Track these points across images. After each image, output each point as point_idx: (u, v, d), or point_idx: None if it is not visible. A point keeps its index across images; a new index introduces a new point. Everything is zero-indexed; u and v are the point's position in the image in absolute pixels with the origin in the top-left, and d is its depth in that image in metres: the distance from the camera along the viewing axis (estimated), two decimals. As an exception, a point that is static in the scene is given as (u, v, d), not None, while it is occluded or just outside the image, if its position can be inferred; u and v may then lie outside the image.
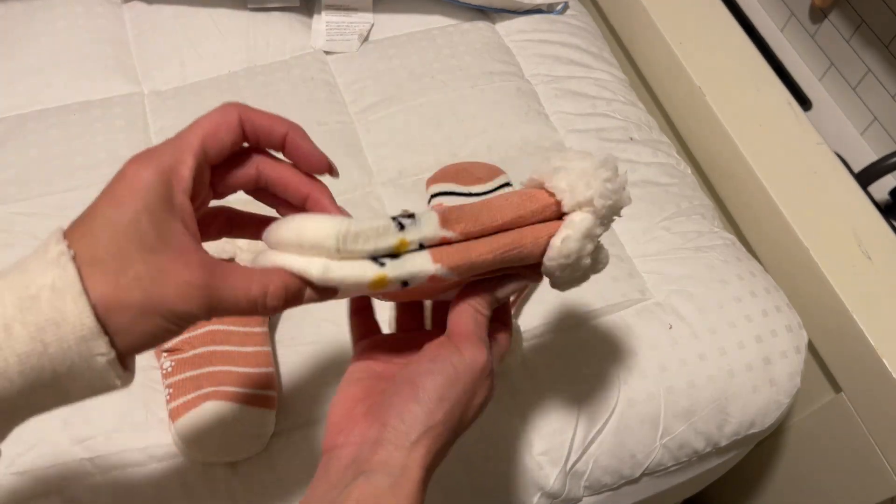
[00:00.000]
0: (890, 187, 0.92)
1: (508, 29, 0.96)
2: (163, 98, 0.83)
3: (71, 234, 0.33)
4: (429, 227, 0.37)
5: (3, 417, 0.32)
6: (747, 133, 0.85)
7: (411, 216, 0.37)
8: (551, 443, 0.64)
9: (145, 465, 0.58)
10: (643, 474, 0.68)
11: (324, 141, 0.80)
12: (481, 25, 0.95)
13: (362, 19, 0.92)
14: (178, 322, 0.33)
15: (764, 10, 1.11)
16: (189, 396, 0.56)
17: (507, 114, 0.85)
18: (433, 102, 0.85)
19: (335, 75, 0.88)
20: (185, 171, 0.34)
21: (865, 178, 0.88)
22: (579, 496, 0.67)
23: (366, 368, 0.42)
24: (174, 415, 0.56)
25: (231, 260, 0.64)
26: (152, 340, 0.33)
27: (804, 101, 1.01)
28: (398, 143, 0.82)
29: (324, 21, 0.91)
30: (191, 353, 0.58)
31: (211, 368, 0.58)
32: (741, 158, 0.84)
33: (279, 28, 0.90)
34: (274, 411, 0.59)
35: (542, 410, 0.65)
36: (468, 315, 0.41)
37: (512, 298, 0.66)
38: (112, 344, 0.31)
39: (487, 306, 0.42)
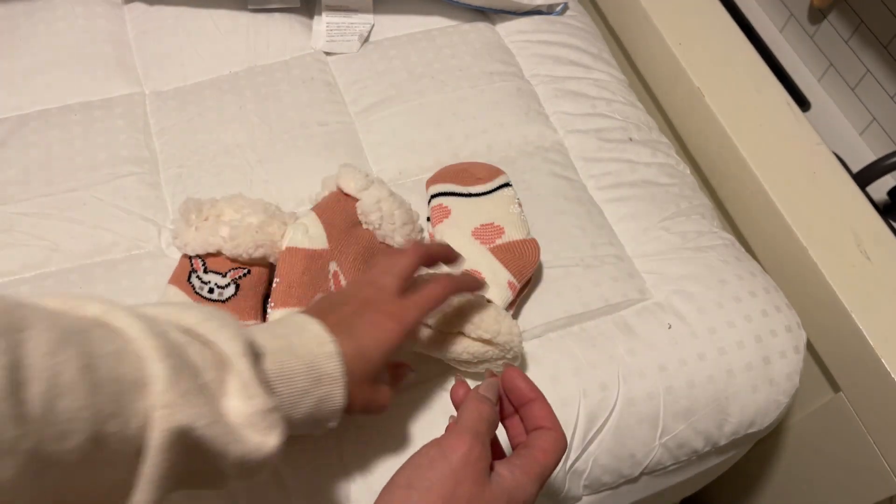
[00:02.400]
0: (889, 187, 0.92)
1: (508, 30, 0.96)
2: (164, 98, 0.83)
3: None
4: None
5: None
6: (746, 133, 0.85)
7: None
8: (551, 442, 0.64)
9: (146, 465, 0.58)
10: (642, 473, 0.68)
11: (324, 141, 0.81)
12: (481, 26, 0.95)
13: (363, 20, 0.92)
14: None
15: (763, 11, 1.12)
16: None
17: (507, 114, 0.85)
18: (433, 103, 0.85)
19: (335, 76, 0.88)
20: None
21: (864, 178, 0.88)
22: (579, 495, 0.67)
23: None
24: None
25: (218, 253, 0.65)
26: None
27: (803, 102, 1.01)
28: (398, 144, 0.82)
29: (324, 22, 0.91)
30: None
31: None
32: (740, 159, 0.84)
33: (280, 29, 0.90)
34: None
35: (541, 410, 0.65)
36: (463, 407, 0.45)
37: (511, 298, 0.66)
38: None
39: (487, 391, 0.47)
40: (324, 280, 0.63)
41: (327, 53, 0.90)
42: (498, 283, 0.66)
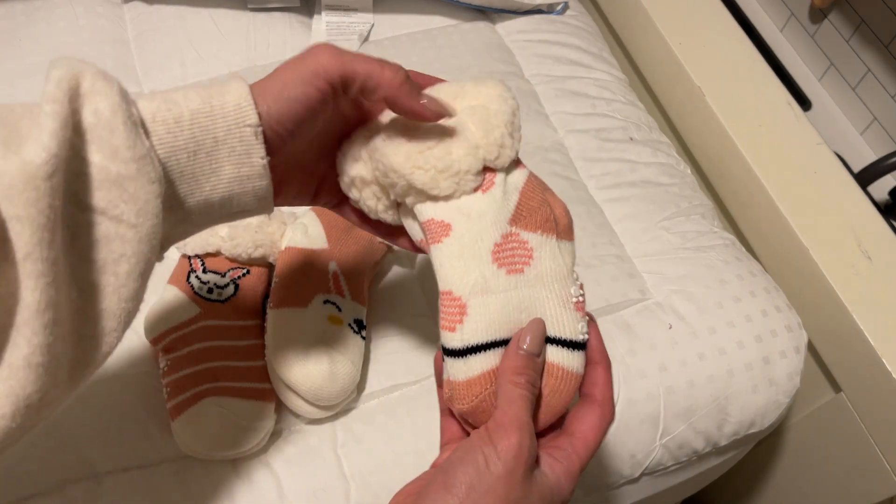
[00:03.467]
0: (890, 187, 0.92)
1: (508, 29, 0.96)
2: (163, 98, 0.83)
3: None
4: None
5: (169, 181, 0.37)
6: (747, 133, 0.85)
7: None
8: (551, 442, 0.64)
9: (145, 465, 0.58)
10: (643, 474, 0.68)
11: (324, 141, 0.80)
12: (481, 26, 0.95)
13: (362, 19, 0.92)
14: (319, 84, 0.39)
15: (764, 10, 1.11)
16: (187, 394, 0.56)
17: (507, 114, 0.85)
18: (433, 102, 0.85)
19: (335, 75, 0.88)
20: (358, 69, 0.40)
21: (865, 178, 0.88)
22: (578, 495, 0.67)
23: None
24: (173, 413, 0.56)
25: (218, 253, 0.65)
26: (296, 106, 0.39)
27: (804, 101, 1.01)
28: (398, 143, 0.82)
29: (324, 21, 0.91)
30: (186, 350, 0.59)
31: (206, 365, 0.58)
32: (741, 158, 0.84)
33: (279, 28, 0.90)
34: (272, 404, 0.59)
35: (541, 410, 0.65)
36: (504, 395, 0.40)
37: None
38: (260, 118, 0.38)
39: (527, 370, 0.40)
40: (323, 280, 0.63)
41: (327, 53, 0.90)
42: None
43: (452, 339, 0.41)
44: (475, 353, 0.41)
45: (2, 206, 0.30)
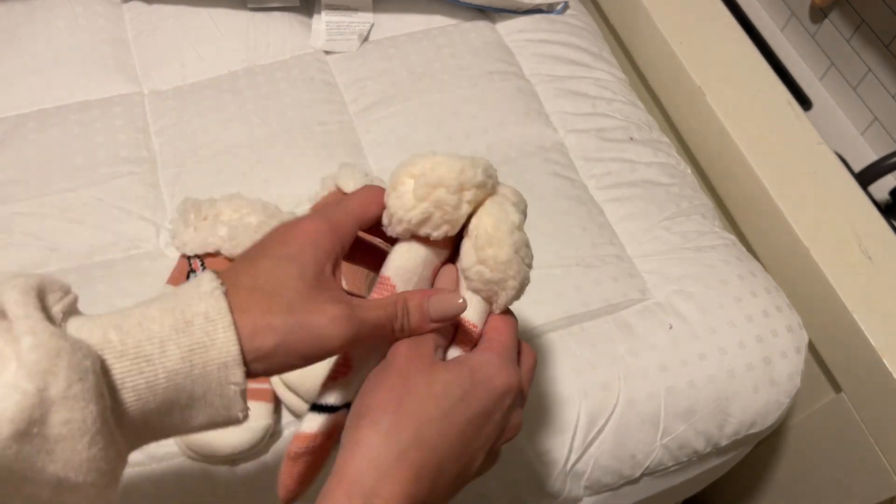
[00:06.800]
0: (890, 187, 0.92)
1: (508, 29, 0.96)
2: (163, 98, 0.83)
3: (234, 266, 0.36)
4: None
5: (134, 434, 0.33)
6: (747, 133, 0.85)
7: None
8: (551, 443, 0.64)
9: (145, 466, 0.58)
10: (643, 474, 0.68)
11: (323, 141, 0.80)
12: (481, 25, 0.95)
13: (362, 19, 0.92)
14: (320, 351, 0.35)
15: (764, 10, 1.11)
16: (188, 396, 0.56)
17: (507, 114, 0.85)
18: (433, 102, 0.85)
19: (335, 75, 0.88)
20: (349, 228, 0.39)
21: (866, 177, 0.88)
22: (579, 496, 0.67)
23: None
24: (174, 415, 0.56)
25: (217, 253, 0.65)
26: (287, 369, 0.36)
27: (804, 101, 1.01)
28: (398, 143, 0.82)
29: (324, 21, 0.91)
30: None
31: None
32: (741, 158, 0.84)
33: (279, 28, 0.90)
34: (271, 404, 0.59)
35: (541, 410, 0.65)
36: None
37: None
38: (247, 373, 0.34)
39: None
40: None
41: (327, 53, 0.90)
42: None
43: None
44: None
45: None
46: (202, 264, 0.65)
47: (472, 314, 0.42)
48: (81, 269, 0.69)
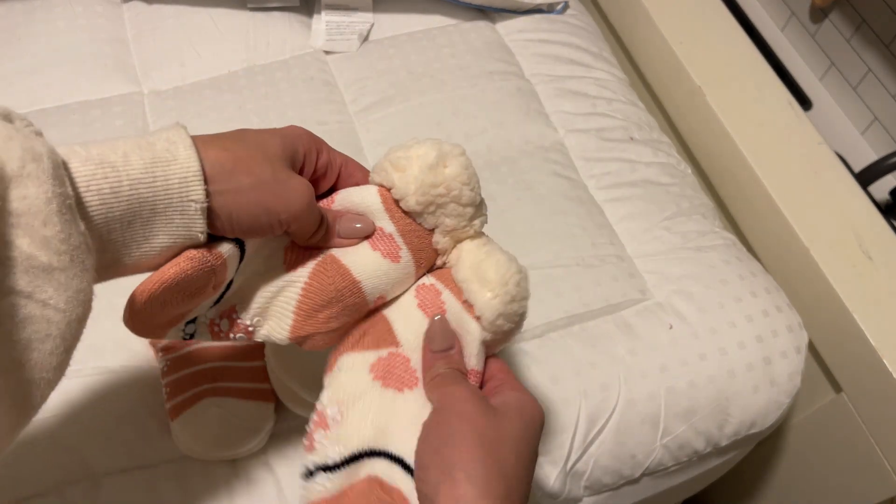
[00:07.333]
0: (890, 187, 0.92)
1: (508, 28, 0.96)
2: (162, 98, 0.83)
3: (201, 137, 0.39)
4: None
5: (99, 242, 0.35)
6: (747, 133, 0.85)
7: None
8: (551, 443, 0.64)
9: (144, 466, 0.58)
10: (643, 474, 0.68)
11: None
12: (481, 25, 0.95)
13: (362, 19, 0.92)
14: (284, 204, 0.39)
15: (764, 10, 1.11)
16: (186, 394, 0.56)
17: (507, 114, 0.85)
18: (433, 102, 0.85)
19: (335, 75, 0.88)
20: (301, 153, 0.44)
21: (866, 177, 0.88)
22: (579, 496, 0.67)
23: None
24: (172, 413, 0.56)
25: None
26: (246, 220, 0.38)
27: (804, 101, 1.01)
28: (398, 143, 0.81)
29: (324, 21, 0.91)
30: (185, 350, 0.58)
31: (206, 365, 0.58)
32: (741, 158, 0.84)
33: (279, 28, 0.90)
34: (272, 404, 0.59)
35: (542, 410, 0.65)
36: (436, 384, 0.42)
37: None
38: (207, 196, 0.36)
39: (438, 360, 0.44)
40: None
41: (327, 52, 0.90)
42: None
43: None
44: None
45: None
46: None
47: (476, 362, 0.44)
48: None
